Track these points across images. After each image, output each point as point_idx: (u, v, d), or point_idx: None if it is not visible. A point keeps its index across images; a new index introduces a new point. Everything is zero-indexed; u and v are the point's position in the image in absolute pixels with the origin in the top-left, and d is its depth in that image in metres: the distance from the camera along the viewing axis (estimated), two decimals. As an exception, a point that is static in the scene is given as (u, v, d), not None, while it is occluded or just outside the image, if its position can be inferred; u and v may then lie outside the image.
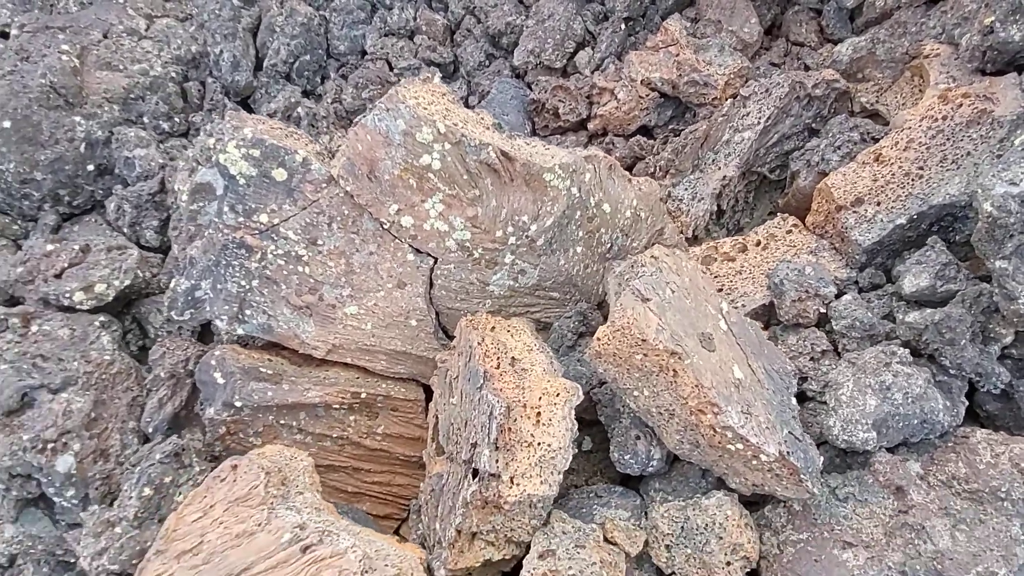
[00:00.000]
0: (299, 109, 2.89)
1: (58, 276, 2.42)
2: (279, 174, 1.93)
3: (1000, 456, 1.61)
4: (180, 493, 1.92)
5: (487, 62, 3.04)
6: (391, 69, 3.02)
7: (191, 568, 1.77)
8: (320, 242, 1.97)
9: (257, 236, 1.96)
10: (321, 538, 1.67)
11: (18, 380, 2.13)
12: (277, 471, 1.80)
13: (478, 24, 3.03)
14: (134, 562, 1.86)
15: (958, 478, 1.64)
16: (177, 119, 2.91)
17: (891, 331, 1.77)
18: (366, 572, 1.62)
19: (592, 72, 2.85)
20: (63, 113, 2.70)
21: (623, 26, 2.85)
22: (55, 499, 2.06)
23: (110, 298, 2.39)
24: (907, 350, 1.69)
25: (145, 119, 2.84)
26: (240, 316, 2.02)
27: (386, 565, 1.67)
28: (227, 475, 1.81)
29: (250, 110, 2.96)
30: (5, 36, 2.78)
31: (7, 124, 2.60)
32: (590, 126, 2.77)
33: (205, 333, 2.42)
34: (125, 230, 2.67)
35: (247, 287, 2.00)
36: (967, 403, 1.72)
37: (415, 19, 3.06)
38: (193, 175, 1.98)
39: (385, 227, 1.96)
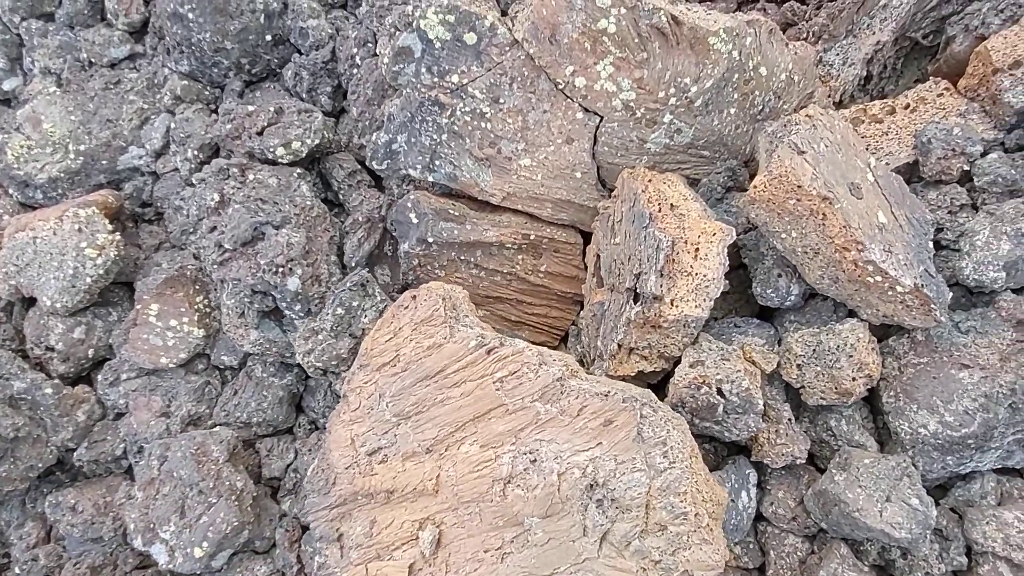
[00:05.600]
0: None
1: (260, 133, 2.83)
2: (470, 38, 2.18)
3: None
4: (364, 315, 2.38)
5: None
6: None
7: (392, 375, 2.23)
8: (501, 100, 2.25)
9: (448, 95, 2.26)
10: (501, 342, 2.06)
11: (251, 217, 2.60)
12: (449, 298, 2.19)
13: None
14: (332, 363, 2.38)
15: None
16: (338, -10, 3.16)
17: (1032, 187, 1.93)
18: (542, 364, 2.01)
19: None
20: (244, -14, 2.99)
21: None
22: (286, 312, 2.58)
23: (304, 154, 2.78)
24: (1046, 203, 1.86)
25: (312, -9, 3.10)
26: (431, 166, 2.37)
27: (553, 359, 2.04)
28: (408, 303, 2.20)
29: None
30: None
31: (204, -4, 2.92)
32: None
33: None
34: (303, 95, 3.02)
35: (438, 140, 2.33)
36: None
37: None
38: (394, 39, 2.27)
39: (559, 87, 2.21)
